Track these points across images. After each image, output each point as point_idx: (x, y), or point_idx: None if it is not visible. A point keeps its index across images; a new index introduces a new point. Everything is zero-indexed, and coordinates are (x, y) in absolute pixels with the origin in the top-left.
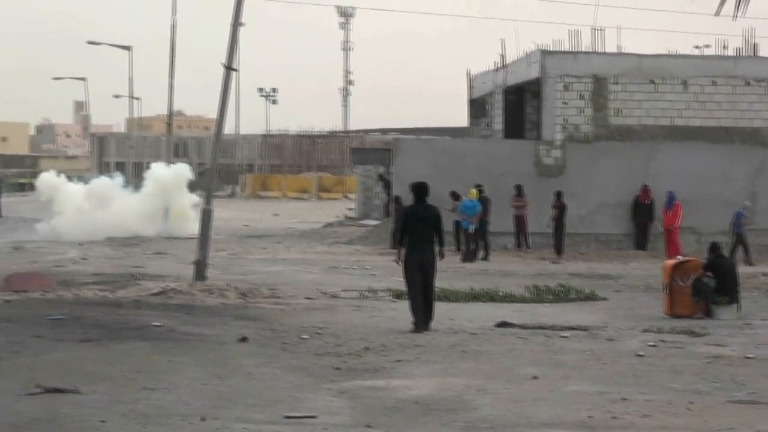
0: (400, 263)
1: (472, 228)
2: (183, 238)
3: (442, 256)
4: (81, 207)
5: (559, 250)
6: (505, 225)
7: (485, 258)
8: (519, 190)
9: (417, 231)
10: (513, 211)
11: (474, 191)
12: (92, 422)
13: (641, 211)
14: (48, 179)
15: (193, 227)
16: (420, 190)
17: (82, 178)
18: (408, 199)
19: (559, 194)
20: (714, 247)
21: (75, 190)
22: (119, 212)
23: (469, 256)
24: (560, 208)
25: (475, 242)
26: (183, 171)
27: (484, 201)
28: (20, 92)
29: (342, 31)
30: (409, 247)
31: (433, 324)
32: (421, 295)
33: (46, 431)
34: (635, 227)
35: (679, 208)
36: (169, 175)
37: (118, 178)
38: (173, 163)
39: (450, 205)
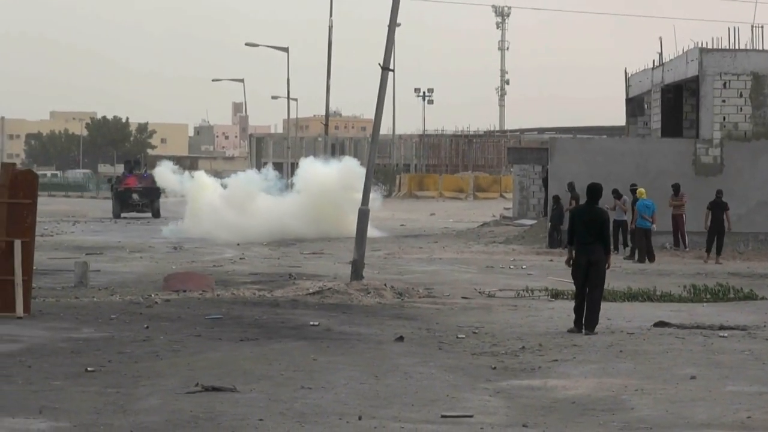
0: (569, 265)
1: (654, 227)
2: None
3: (608, 265)
4: (217, 207)
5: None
6: (663, 224)
7: (639, 259)
8: (676, 189)
9: (583, 232)
10: (671, 211)
11: (643, 190)
12: (250, 421)
13: None
14: (199, 178)
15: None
16: (593, 192)
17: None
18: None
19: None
20: None
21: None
22: (268, 213)
23: (651, 257)
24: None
25: (637, 243)
26: (352, 167)
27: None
28: (180, 94)
29: (498, 31)
30: (576, 248)
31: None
32: (582, 296)
33: (204, 429)
34: None
35: None
36: (334, 173)
37: (271, 172)
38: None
39: (612, 203)
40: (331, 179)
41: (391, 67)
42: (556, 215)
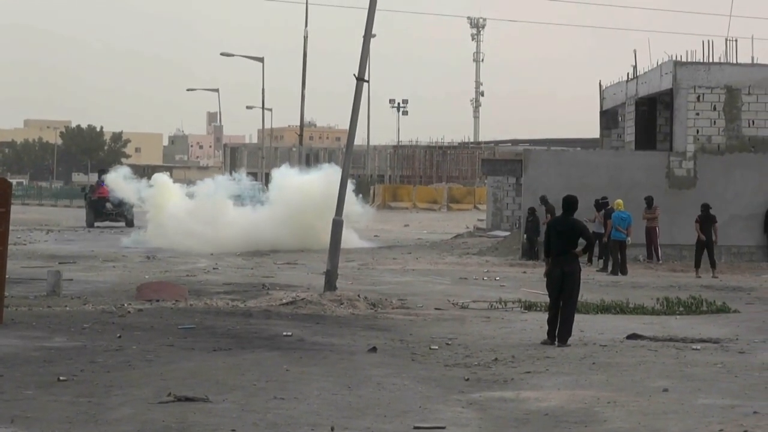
0: (545, 276)
1: (629, 240)
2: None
3: (583, 251)
4: (183, 217)
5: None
6: (637, 237)
7: (612, 271)
8: (650, 202)
9: (557, 244)
10: (644, 223)
11: (620, 202)
12: (223, 431)
13: None
14: (159, 180)
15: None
16: (568, 203)
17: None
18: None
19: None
20: None
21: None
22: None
23: (623, 270)
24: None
25: (612, 255)
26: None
27: (611, 213)
28: (155, 104)
29: (473, 42)
30: (551, 259)
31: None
32: (555, 308)
33: None
34: (767, 239)
35: None
36: (315, 182)
37: (244, 177)
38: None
39: (593, 216)
40: (312, 188)
41: (366, 77)
42: (532, 227)
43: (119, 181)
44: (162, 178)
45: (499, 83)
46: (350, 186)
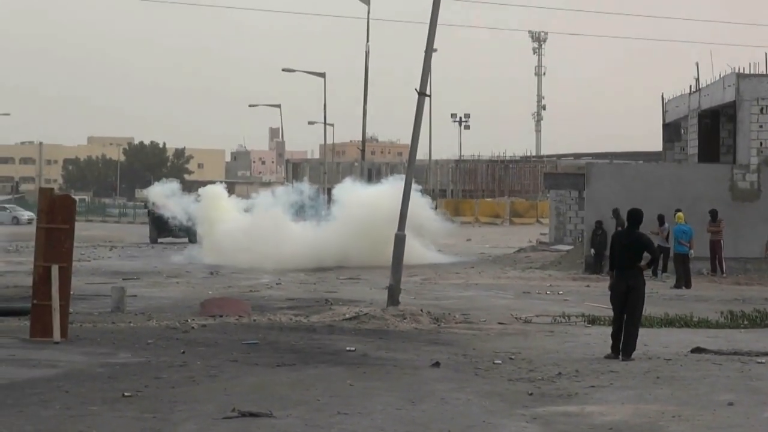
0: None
1: (692, 253)
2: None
3: (647, 265)
4: (239, 233)
5: None
6: (701, 250)
7: (677, 285)
8: (714, 215)
9: (621, 257)
10: (708, 236)
11: (681, 215)
12: None
13: None
14: (209, 193)
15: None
16: (633, 216)
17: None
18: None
19: None
20: None
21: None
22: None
23: (687, 283)
24: None
25: (675, 269)
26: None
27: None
28: (217, 120)
29: (535, 56)
30: (615, 273)
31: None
32: (619, 322)
33: None
34: None
35: None
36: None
37: (306, 187)
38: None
39: (656, 229)
40: (378, 201)
41: (428, 92)
42: (600, 240)
43: (159, 197)
44: (212, 191)
45: (561, 97)
46: (427, 200)
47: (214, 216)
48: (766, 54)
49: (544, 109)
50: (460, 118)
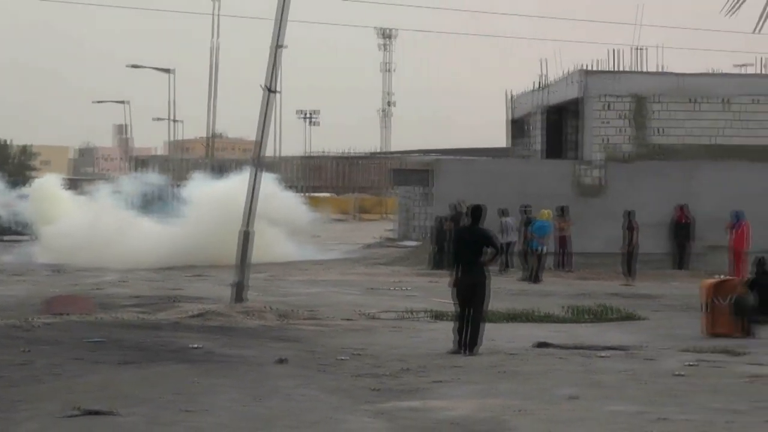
0: (450, 286)
1: (544, 249)
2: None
3: (490, 260)
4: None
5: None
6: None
7: (523, 278)
8: (563, 210)
9: (464, 253)
10: (556, 232)
11: (546, 212)
12: None
13: (680, 230)
14: (40, 188)
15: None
16: (474, 213)
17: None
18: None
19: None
20: (760, 263)
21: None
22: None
23: (536, 278)
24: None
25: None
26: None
27: (531, 222)
28: (62, 116)
29: (383, 53)
30: (459, 269)
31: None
32: (463, 318)
33: None
34: (674, 247)
35: (747, 228)
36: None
37: (152, 178)
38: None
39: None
40: (230, 197)
41: (276, 88)
42: (441, 236)
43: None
44: (44, 185)
45: (409, 93)
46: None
47: (48, 211)
48: (611, 51)
49: (391, 105)
50: (309, 114)
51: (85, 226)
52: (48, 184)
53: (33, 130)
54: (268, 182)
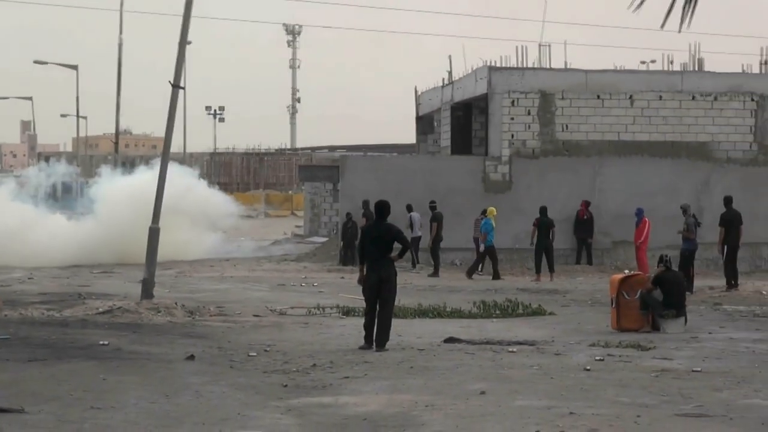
0: (360, 283)
1: (482, 246)
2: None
3: (399, 256)
4: None
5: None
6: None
7: (434, 274)
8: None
9: (372, 250)
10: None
11: (493, 209)
12: None
13: (580, 226)
14: None
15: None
16: (379, 208)
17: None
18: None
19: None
20: (662, 260)
21: None
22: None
23: (469, 273)
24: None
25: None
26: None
27: (437, 217)
28: None
29: (289, 49)
30: (367, 265)
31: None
32: (372, 314)
33: None
34: (576, 242)
35: (646, 225)
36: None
37: (59, 167)
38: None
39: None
40: (142, 191)
41: (182, 84)
42: (349, 233)
43: None
44: None
45: (316, 89)
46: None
47: None
48: (516, 47)
49: (299, 102)
50: (215, 110)
51: None
52: None
53: None
54: (186, 176)
